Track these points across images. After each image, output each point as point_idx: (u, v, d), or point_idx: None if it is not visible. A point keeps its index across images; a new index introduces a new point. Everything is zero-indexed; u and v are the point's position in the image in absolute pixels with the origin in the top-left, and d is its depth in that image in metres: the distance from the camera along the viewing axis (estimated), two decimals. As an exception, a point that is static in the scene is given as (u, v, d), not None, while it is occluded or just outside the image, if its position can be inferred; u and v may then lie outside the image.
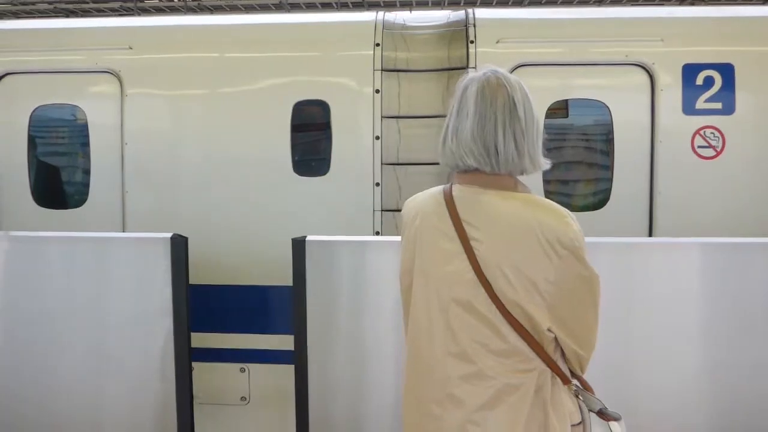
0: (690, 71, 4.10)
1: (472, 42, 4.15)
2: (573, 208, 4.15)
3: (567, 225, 1.85)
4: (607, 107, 4.15)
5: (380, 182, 4.12)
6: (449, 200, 1.95)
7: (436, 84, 4.21)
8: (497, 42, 4.16)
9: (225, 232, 4.25)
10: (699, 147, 4.08)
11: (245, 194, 4.24)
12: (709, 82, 4.09)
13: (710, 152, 4.08)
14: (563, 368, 1.95)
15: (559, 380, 1.93)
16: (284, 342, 4.16)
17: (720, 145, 4.07)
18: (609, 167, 4.15)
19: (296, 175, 4.19)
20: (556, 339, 1.91)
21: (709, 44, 4.18)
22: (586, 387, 2.05)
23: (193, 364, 4.19)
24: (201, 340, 4.24)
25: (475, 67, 4.12)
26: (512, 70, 4.12)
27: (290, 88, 4.24)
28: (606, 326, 3.34)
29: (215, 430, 4.34)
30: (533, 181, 4.04)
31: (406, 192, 3.99)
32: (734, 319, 3.47)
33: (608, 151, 4.17)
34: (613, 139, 4.13)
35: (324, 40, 4.38)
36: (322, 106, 4.19)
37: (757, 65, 4.11)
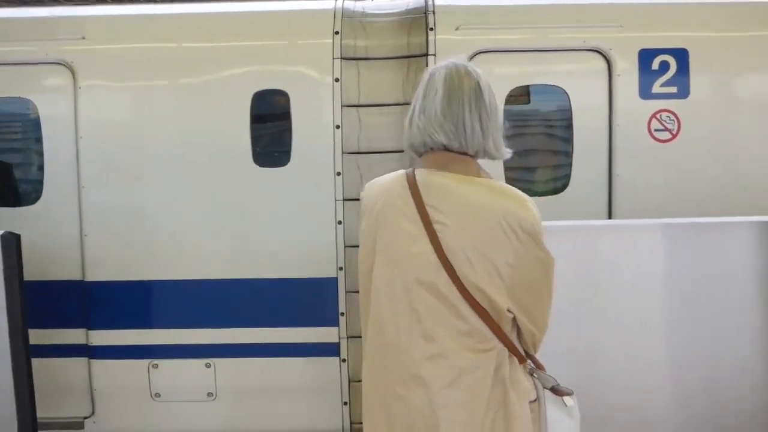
0: (646, 56, 4.16)
1: (431, 29, 4.14)
2: (534, 193, 4.21)
3: (527, 210, 1.92)
4: (566, 93, 4.18)
5: (341, 172, 4.09)
6: (412, 183, 1.98)
7: (396, 72, 4.19)
8: (456, 29, 4.16)
9: (185, 226, 4.19)
10: (655, 130, 4.15)
11: (205, 187, 4.17)
12: (664, 66, 4.15)
13: (666, 135, 4.15)
14: (519, 348, 2.02)
15: (515, 360, 2.00)
16: (251, 336, 4.17)
17: (676, 128, 4.15)
18: (569, 152, 4.20)
19: (256, 166, 4.14)
20: (513, 320, 1.98)
21: (664, 30, 4.24)
22: (538, 366, 2.12)
23: (158, 361, 4.21)
24: (165, 336, 4.21)
25: (434, 54, 4.12)
26: (472, 57, 4.14)
27: (249, 78, 4.18)
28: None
29: (181, 428, 4.30)
30: (495, 166, 4.09)
31: (368, 181, 3.95)
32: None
33: (568, 136, 4.21)
34: (572, 124, 4.17)
35: (283, 28, 4.32)
36: (282, 96, 4.14)
37: (710, 50, 4.19)
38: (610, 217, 4.19)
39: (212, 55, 4.23)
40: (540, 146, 4.48)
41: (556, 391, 2.06)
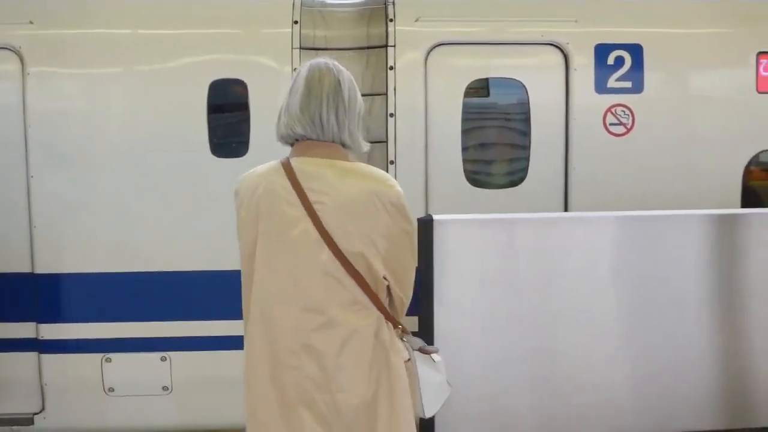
0: (602, 51, 4.22)
1: (391, 20, 4.13)
2: (492, 186, 4.27)
3: (392, 187, 2.19)
4: (524, 86, 4.22)
5: None
6: (289, 170, 2.20)
7: (355, 62, 4.15)
8: (416, 20, 4.15)
9: (140, 217, 4.11)
10: (610, 125, 4.23)
11: (161, 177, 4.09)
12: (619, 61, 4.23)
13: (621, 129, 4.23)
14: (393, 314, 2.29)
15: (390, 325, 2.26)
16: (207, 328, 4.12)
17: (630, 122, 4.23)
18: (527, 145, 4.24)
19: (214, 156, 4.07)
20: (388, 288, 2.25)
21: (619, 25, 4.32)
22: (405, 330, 2.36)
23: (111, 355, 4.13)
24: (119, 329, 4.12)
25: (394, 46, 4.11)
26: (431, 49, 4.15)
27: (206, 67, 4.10)
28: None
29: (136, 423, 4.23)
30: (454, 160, 4.11)
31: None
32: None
33: (526, 130, 4.26)
34: (530, 117, 4.22)
35: (241, 17, 4.24)
36: (240, 86, 4.08)
37: (663, 46, 4.28)
38: (566, 210, 4.25)
39: (168, 43, 4.14)
40: (498, 139, 4.51)
41: (423, 350, 2.37)
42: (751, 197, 4.38)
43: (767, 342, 3.76)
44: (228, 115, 4.18)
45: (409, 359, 2.32)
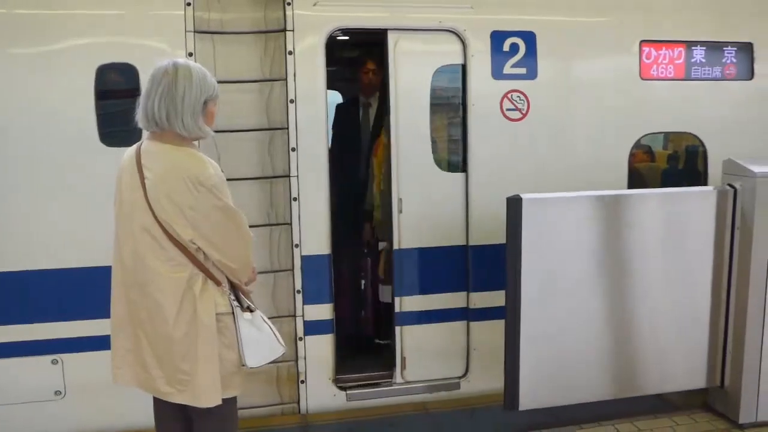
0: (498, 38, 4.32)
1: (288, 4, 4.05)
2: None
3: (205, 170, 2.67)
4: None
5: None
6: (137, 151, 2.78)
7: (253, 47, 4.06)
8: (314, 4, 4.09)
9: (22, 211, 3.86)
10: (507, 110, 4.34)
11: (46, 169, 3.85)
12: (514, 48, 4.34)
13: (517, 114, 4.36)
14: (216, 274, 2.78)
15: (211, 282, 2.77)
16: (103, 328, 3.88)
17: (525, 107, 4.36)
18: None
19: (104, 145, 3.87)
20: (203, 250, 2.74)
21: (514, 13, 4.43)
22: (243, 291, 2.91)
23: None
24: (5, 333, 3.85)
25: (293, 30, 4.03)
26: (329, 34, 4.10)
27: (93, 50, 3.88)
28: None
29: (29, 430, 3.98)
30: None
31: (226, 160, 3.83)
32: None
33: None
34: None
35: None
36: (130, 70, 3.88)
37: (555, 33, 4.43)
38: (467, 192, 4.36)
39: (50, 24, 3.87)
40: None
41: (248, 309, 2.85)
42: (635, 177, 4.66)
43: None
44: (118, 102, 3.96)
45: (229, 313, 2.78)
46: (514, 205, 3.67)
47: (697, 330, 4.08)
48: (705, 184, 4.73)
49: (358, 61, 5.22)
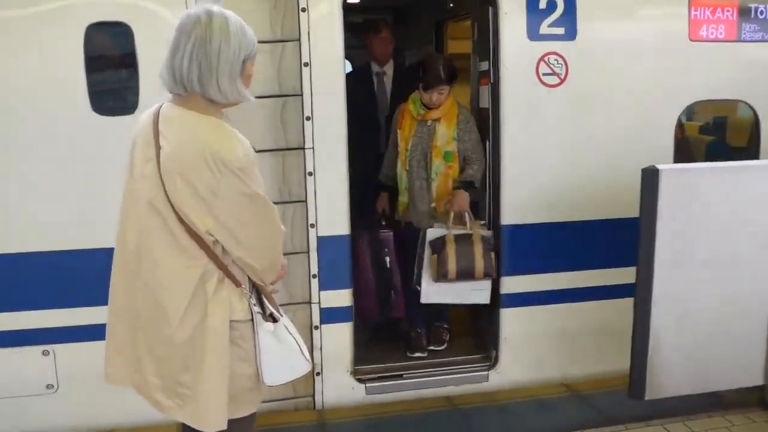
0: None
1: None
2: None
3: (232, 147, 2.23)
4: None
5: None
6: (156, 114, 2.34)
7: (262, 3, 3.70)
8: None
9: (8, 187, 3.58)
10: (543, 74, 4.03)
11: (33, 140, 3.56)
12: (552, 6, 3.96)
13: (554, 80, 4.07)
14: (236, 273, 2.36)
15: (228, 281, 2.35)
16: (98, 316, 3.55)
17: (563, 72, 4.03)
18: None
19: (96, 114, 3.57)
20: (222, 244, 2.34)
21: None
22: (267, 296, 2.45)
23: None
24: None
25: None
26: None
27: (80, 8, 3.54)
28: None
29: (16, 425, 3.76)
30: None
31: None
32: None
33: None
34: None
35: None
36: (123, 30, 3.55)
37: None
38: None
39: None
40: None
41: (271, 317, 2.42)
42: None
43: None
44: (111, 65, 3.68)
45: (246, 321, 2.38)
46: (649, 176, 3.45)
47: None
48: (756, 157, 4.40)
49: (372, 26, 4.93)
